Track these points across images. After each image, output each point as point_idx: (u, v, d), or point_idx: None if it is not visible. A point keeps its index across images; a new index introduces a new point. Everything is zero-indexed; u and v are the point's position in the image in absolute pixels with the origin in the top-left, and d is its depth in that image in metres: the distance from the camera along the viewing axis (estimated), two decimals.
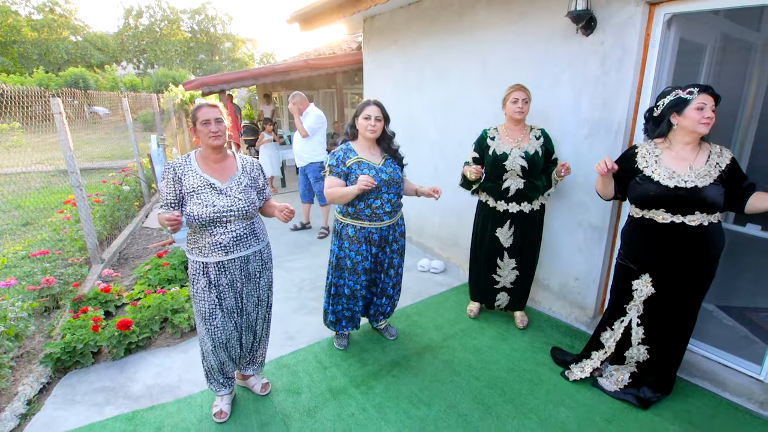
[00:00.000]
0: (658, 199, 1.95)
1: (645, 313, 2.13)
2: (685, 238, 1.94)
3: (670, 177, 1.93)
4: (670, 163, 1.96)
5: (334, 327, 2.66)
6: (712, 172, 1.90)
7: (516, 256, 2.74)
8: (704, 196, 1.87)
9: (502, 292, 2.87)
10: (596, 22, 2.52)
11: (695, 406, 2.20)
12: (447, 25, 3.56)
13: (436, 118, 3.89)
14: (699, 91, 1.87)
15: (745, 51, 3.89)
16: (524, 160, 2.55)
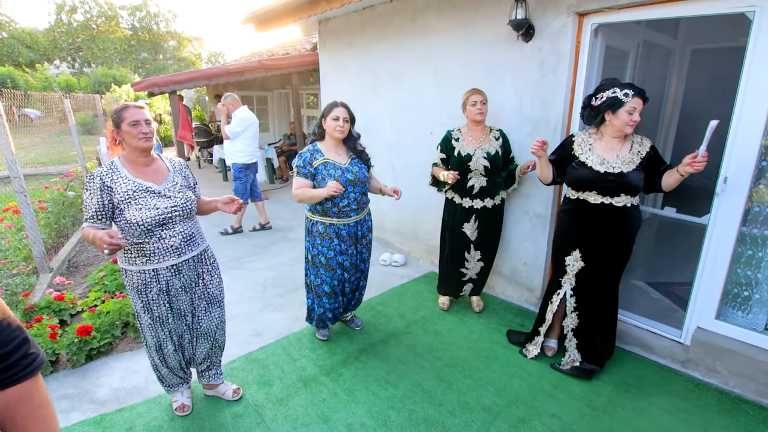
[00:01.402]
0: (591, 183, 2.21)
1: (577, 285, 2.39)
2: (611, 217, 2.23)
3: (601, 163, 2.20)
4: (601, 152, 2.23)
5: (317, 323, 2.74)
6: (635, 159, 2.19)
7: (481, 248, 2.95)
8: (629, 180, 2.15)
9: (467, 284, 3.08)
10: (534, 30, 2.79)
11: (627, 369, 2.51)
12: (400, 30, 3.74)
13: (392, 120, 4.06)
14: (633, 94, 2.09)
15: (665, 56, 4.38)
16: (487, 160, 2.76)
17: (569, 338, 2.49)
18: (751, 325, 2.38)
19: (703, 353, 2.42)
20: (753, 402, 2.25)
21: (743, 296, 2.40)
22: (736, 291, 2.41)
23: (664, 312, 2.92)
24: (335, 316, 2.73)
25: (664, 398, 2.29)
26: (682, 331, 2.55)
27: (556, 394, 2.31)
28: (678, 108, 4.56)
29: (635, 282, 3.33)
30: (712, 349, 2.39)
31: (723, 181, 2.25)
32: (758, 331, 2.34)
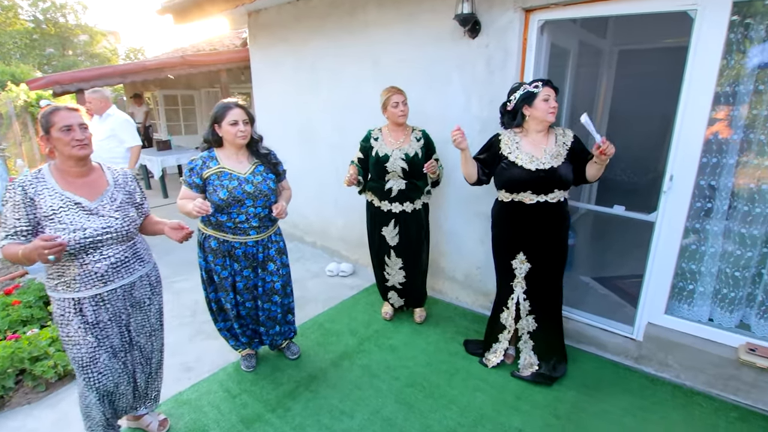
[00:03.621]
0: (525, 182, 2.15)
1: (528, 287, 2.33)
2: (548, 214, 2.18)
3: (531, 161, 2.13)
4: (529, 149, 2.17)
5: (235, 342, 2.44)
6: (562, 151, 2.16)
7: (402, 255, 2.80)
8: (560, 174, 2.11)
9: (392, 291, 2.92)
10: (481, 25, 2.68)
11: (586, 370, 2.48)
12: (338, 24, 3.50)
13: (334, 119, 3.80)
14: (543, 84, 2.10)
15: (597, 56, 4.54)
16: (404, 162, 2.60)
17: (524, 341, 2.41)
18: (696, 317, 2.44)
19: (655, 348, 2.45)
20: (704, 393, 2.29)
21: (688, 290, 2.45)
22: (681, 285, 2.46)
23: (614, 308, 2.96)
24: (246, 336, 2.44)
25: (622, 398, 2.27)
26: (634, 327, 2.57)
27: (520, 406, 2.21)
28: (608, 105, 4.76)
29: (582, 277, 3.37)
30: (664, 344, 2.42)
31: (669, 179, 2.27)
32: (703, 323, 2.40)
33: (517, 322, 2.42)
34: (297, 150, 4.17)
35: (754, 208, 2.22)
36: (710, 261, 2.36)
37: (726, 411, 2.18)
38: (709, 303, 2.42)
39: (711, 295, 2.40)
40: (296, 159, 4.08)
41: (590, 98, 4.53)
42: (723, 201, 2.27)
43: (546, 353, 2.39)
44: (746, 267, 2.29)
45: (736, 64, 2.12)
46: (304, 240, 4.46)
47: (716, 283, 2.38)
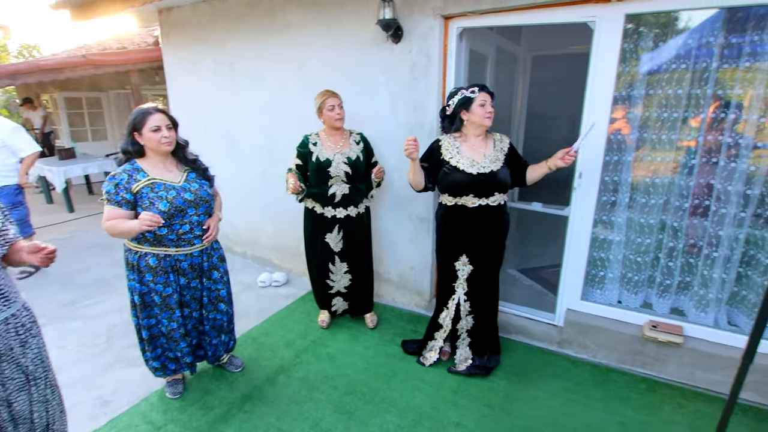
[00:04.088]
0: (467, 186, 2.21)
1: (469, 289, 2.40)
2: (489, 217, 2.27)
3: (472, 165, 2.21)
4: (469, 153, 2.25)
5: (163, 373, 2.25)
6: (500, 156, 2.26)
7: (347, 259, 2.78)
8: (499, 178, 2.21)
9: (337, 297, 2.89)
10: (403, 31, 2.72)
11: (515, 359, 2.62)
12: (258, 25, 3.37)
13: (259, 124, 3.66)
14: (479, 89, 2.19)
15: (513, 61, 4.82)
16: (348, 166, 2.59)
17: (462, 338, 2.49)
18: (607, 301, 2.68)
19: (574, 332, 2.65)
20: (618, 369, 2.53)
21: (600, 276, 2.68)
22: (594, 272, 2.69)
23: (538, 297, 3.16)
24: (180, 362, 2.26)
25: (549, 382, 2.42)
26: (556, 314, 2.76)
27: (457, 400, 2.27)
28: (525, 108, 5.09)
29: (508, 270, 3.56)
30: (582, 328, 2.62)
31: (579, 176, 2.46)
32: (613, 306, 2.65)
33: (456, 323, 2.49)
34: (220, 155, 3.96)
35: (650, 200, 2.49)
36: (617, 249, 2.61)
37: (636, 383, 2.42)
38: (618, 287, 2.67)
39: (619, 280, 2.65)
40: (220, 164, 3.85)
41: (509, 101, 4.82)
42: (624, 194, 2.52)
43: (482, 348, 2.49)
44: (646, 252, 2.55)
45: (631, 70, 2.36)
46: (234, 250, 4.25)
47: (622, 269, 2.63)
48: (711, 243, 2.38)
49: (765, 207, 2.23)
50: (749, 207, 2.26)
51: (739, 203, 2.27)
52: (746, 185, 2.24)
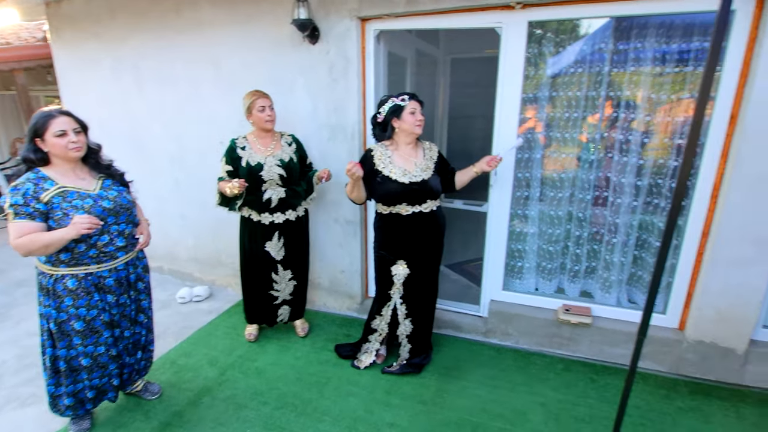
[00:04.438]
0: (400, 195, 2.23)
1: (405, 292, 2.42)
2: (424, 223, 2.31)
3: (404, 175, 2.23)
4: (401, 162, 2.27)
5: (74, 411, 1.99)
6: (430, 164, 2.31)
7: (291, 266, 2.70)
8: (431, 186, 2.25)
9: (283, 306, 2.79)
10: (320, 32, 2.67)
11: (445, 353, 2.69)
12: (163, 22, 3.13)
13: (169, 128, 3.40)
14: (409, 98, 2.22)
15: (433, 64, 4.97)
16: (281, 168, 2.50)
17: (403, 344, 2.51)
18: (526, 289, 2.85)
19: (498, 321, 2.79)
20: (538, 353, 2.70)
21: (518, 266, 2.85)
22: (513, 263, 2.85)
23: (464, 290, 3.29)
24: (103, 392, 2.05)
25: (476, 371, 2.52)
26: (480, 306, 2.89)
27: (390, 400, 2.28)
28: (447, 109, 5.28)
29: None
30: (504, 317, 2.77)
31: (494, 174, 2.59)
32: (531, 294, 2.83)
33: (395, 328, 2.49)
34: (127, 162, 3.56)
35: (557, 193, 2.69)
36: (532, 240, 2.78)
37: (554, 364, 2.60)
38: (534, 275, 2.86)
39: (535, 269, 2.84)
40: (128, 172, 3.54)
41: (431, 103, 4.96)
42: (536, 189, 2.70)
43: (417, 348, 2.53)
44: (557, 242, 2.76)
45: (537, 74, 2.52)
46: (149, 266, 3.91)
47: (538, 258, 2.82)
48: (610, 230, 2.63)
49: (653, 195, 2.51)
50: (640, 196, 2.53)
51: (632, 193, 2.53)
52: (637, 177, 2.51)
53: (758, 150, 2.07)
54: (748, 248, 2.19)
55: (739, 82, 2.11)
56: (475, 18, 2.42)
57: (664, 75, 2.36)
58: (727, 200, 2.18)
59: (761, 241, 2.16)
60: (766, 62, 1.98)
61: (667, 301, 2.53)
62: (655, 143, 2.44)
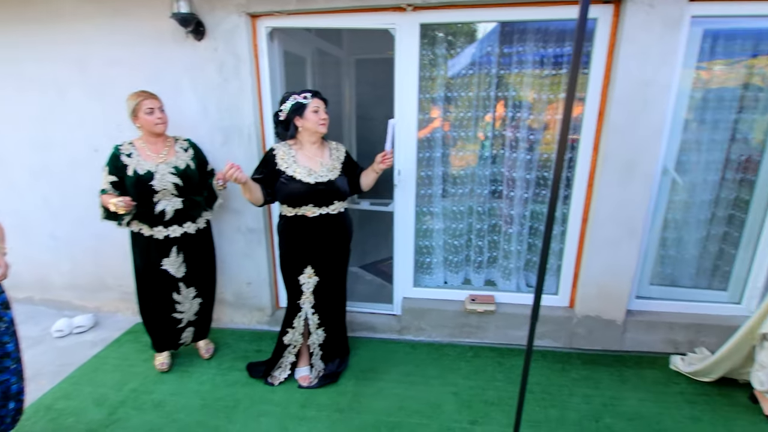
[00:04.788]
0: (305, 196, 2.14)
1: (316, 301, 2.33)
2: (330, 225, 2.24)
3: (309, 174, 2.14)
4: (306, 162, 2.18)
5: None
6: (336, 165, 2.25)
7: (194, 283, 2.46)
8: (337, 186, 2.19)
9: (188, 328, 2.54)
10: (205, 27, 2.47)
11: (361, 356, 2.67)
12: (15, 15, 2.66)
13: (31, 136, 2.91)
14: (312, 95, 2.13)
15: (337, 64, 4.91)
16: (176, 177, 2.26)
17: (316, 354, 2.42)
18: (435, 283, 2.94)
19: (411, 318, 2.83)
20: (450, 344, 2.79)
21: (427, 262, 2.92)
22: (422, 260, 2.91)
23: (379, 290, 3.30)
24: None
25: (393, 370, 2.53)
26: (394, 304, 2.91)
27: (306, 413, 2.20)
28: (354, 111, 5.27)
29: (351, 269, 3.63)
30: (417, 312, 2.82)
31: (398, 174, 2.62)
32: (441, 287, 2.92)
33: (307, 338, 2.39)
34: None
35: (458, 190, 2.80)
36: (438, 236, 2.87)
37: (465, 352, 2.71)
38: (443, 270, 2.95)
39: (443, 263, 2.93)
40: None
41: (337, 104, 4.91)
42: (438, 187, 2.79)
43: (333, 356, 2.46)
44: (460, 236, 2.88)
45: (433, 75, 2.59)
46: (14, 297, 3.33)
47: (444, 253, 2.92)
48: (507, 221, 2.81)
49: (541, 187, 2.73)
50: (530, 188, 2.73)
51: (523, 186, 2.72)
52: (527, 171, 2.70)
53: (620, 143, 2.34)
54: (617, 230, 2.48)
55: (604, 83, 2.37)
56: (369, 18, 2.41)
57: (545, 77, 2.57)
58: (599, 188, 2.44)
59: (627, 223, 2.46)
60: (623, 66, 2.24)
61: (558, 282, 2.77)
62: (541, 139, 2.65)
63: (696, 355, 2.59)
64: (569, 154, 2.58)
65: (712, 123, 2.57)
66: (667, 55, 2.21)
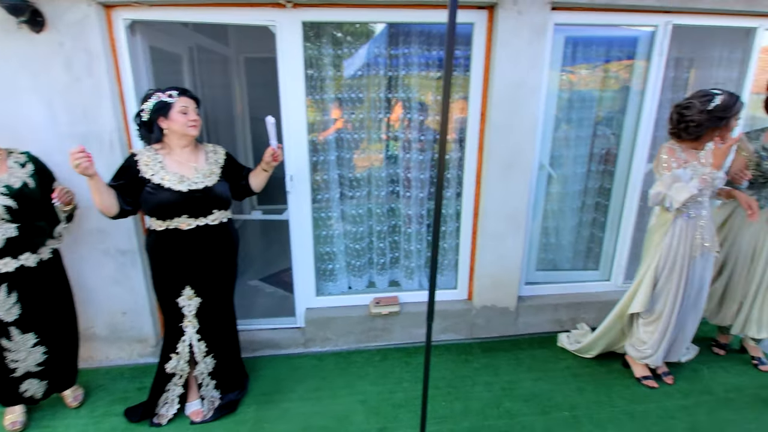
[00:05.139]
0: (178, 206, 1.90)
1: (202, 325, 2.09)
2: (211, 238, 2.01)
3: (180, 181, 1.91)
4: (177, 168, 1.94)
5: None
6: (215, 169, 2.03)
7: (34, 328, 2.03)
8: (216, 193, 1.98)
9: (28, 380, 2.09)
10: (45, 17, 2.08)
11: (264, 377, 2.49)
12: None
13: None
14: (179, 93, 1.90)
15: (224, 62, 4.58)
16: (8, 198, 1.85)
17: (206, 384, 2.17)
18: (339, 290, 2.87)
19: (315, 329, 2.72)
20: (357, 350, 2.74)
21: (329, 269, 2.83)
22: (323, 267, 2.81)
23: (281, 302, 3.11)
24: None
25: (299, 388, 2.40)
26: (296, 317, 2.77)
27: None
28: (247, 111, 4.97)
29: (250, 283, 3.40)
30: (322, 322, 2.71)
31: (290, 179, 2.48)
32: (345, 293, 2.85)
33: (193, 367, 2.13)
34: None
35: (355, 193, 2.75)
36: (338, 241, 2.79)
37: (372, 357, 2.68)
38: (346, 275, 2.89)
39: (345, 269, 2.87)
40: None
41: (227, 105, 4.58)
42: (335, 190, 2.71)
43: (228, 384, 2.24)
44: (362, 239, 2.83)
45: (319, 75, 2.49)
46: None
47: (347, 258, 2.85)
48: (406, 221, 2.83)
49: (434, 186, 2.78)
50: (425, 188, 2.78)
51: (419, 186, 2.76)
52: (420, 171, 2.74)
53: (501, 141, 2.48)
54: (504, 223, 2.63)
55: (483, 85, 2.48)
56: (246, 14, 2.24)
57: (432, 78, 2.63)
58: (486, 185, 2.57)
59: (512, 216, 2.62)
60: (499, 69, 2.37)
61: (457, 276, 2.87)
62: (433, 140, 2.70)
63: (578, 331, 2.87)
64: (459, 153, 2.68)
65: (577, 121, 2.85)
66: (536, 59, 2.39)
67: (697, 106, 2.06)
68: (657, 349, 2.35)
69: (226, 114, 4.45)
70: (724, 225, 2.53)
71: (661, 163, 2.18)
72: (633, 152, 2.77)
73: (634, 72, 2.73)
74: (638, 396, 2.36)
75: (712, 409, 2.27)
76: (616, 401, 2.32)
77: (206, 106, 3.59)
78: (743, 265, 2.49)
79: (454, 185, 2.75)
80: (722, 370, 2.57)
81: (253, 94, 4.95)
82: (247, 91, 4.94)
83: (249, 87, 4.93)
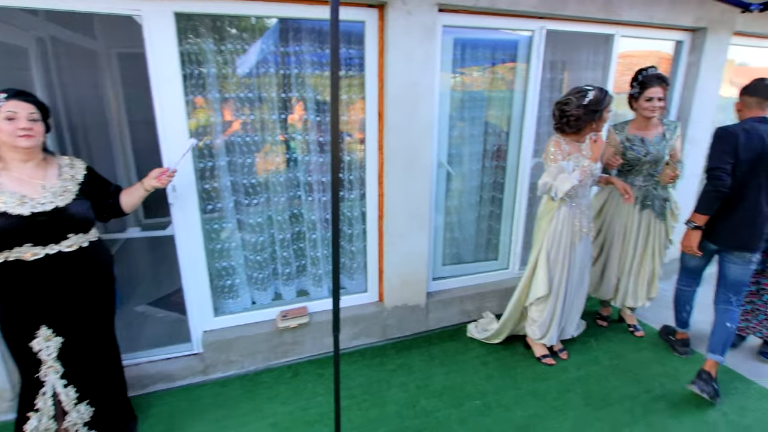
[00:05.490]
0: (16, 233, 1.55)
1: (67, 368, 1.75)
2: (69, 267, 1.68)
3: (21, 203, 1.56)
4: (16, 187, 1.58)
5: None
6: (70, 186, 1.70)
7: None
8: (71, 214, 1.66)
9: None
10: None
11: (156, 415, 2.18)
12: None
13: None
14: (7, 97, 1.55)
15: (90, 58, 3.98)
16: None
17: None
18: (242, 307, 2.63)
19: (216, 353, 2.47)
20: (266, 369, 2.54)
21: (228, 285, 2.58)
22: (221, 284, 2.56)
23: (175, 327, 2.78)
24: None
25: (198, 423, 2.15)
26: (192, 342, 2.49)
27: None
28: (124, 113, 4.40)
29: (137, 309, 3.00)
30: (223, 344, 2.47)
31: (172, 190, 2.20)
32: (249, 309, 2.63)
33: (63, 420, 1.76)
34: None
35: (252, 200, 2.54)
36: (236, 253, 2.56)
37: (283, 374, 2.51)
38: (248, 289, 2.66)
39: (247, 283, 2.64)
40: None
41: (98, 107, 4.01)
42: (229, 199, 2.47)
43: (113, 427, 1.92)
44: (263, 249, 2.63)
45: (201, 74, 2.24)
46: None
47: (247, 271, 2.63)
48: (310, 227, 2.70)
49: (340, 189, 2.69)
50: (328, 191, 2.67)
51: (320, 189, 2.65)
52: (321, 174, 2.63)
53: (399, 141, 2.47)
54: (408, 221, 2.63)
55: (379, 85, 2.45)
56: (103, 1, 1.92)
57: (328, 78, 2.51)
58: (388, 185, 2.54)
59: (415, 214, 2.63)
60: (392, 68, 2.35)
61: (366, 279, 2.82)
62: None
63: (484, 319, 3.00)
64: (361, 154, 2.62)
65: (471, 120, 2.97)
66: (428, 59, 2.42)
67: (575, 102, 2.26)
68: (548, 327, 2.55)
69: (96, 118, 3.88)
70: (601, 211, 2.83)
71: (549, 155, 2.36)
72: (520, 148, 2.97)
73: (517, 74, 2.92)
74: (539, 374, 2.52)
75: (601, 377, 2.51)
76: (520, 383, 2.45)
77: (67, 109, 3.08)
78: (617, 245, 2.80)
79: (358, 186, 2.69)
80: (606, 340, 2.87)
81: (131, 94, 4.39)
82: (123, 90, 4.37)
83: (125, 86, 4.36)
